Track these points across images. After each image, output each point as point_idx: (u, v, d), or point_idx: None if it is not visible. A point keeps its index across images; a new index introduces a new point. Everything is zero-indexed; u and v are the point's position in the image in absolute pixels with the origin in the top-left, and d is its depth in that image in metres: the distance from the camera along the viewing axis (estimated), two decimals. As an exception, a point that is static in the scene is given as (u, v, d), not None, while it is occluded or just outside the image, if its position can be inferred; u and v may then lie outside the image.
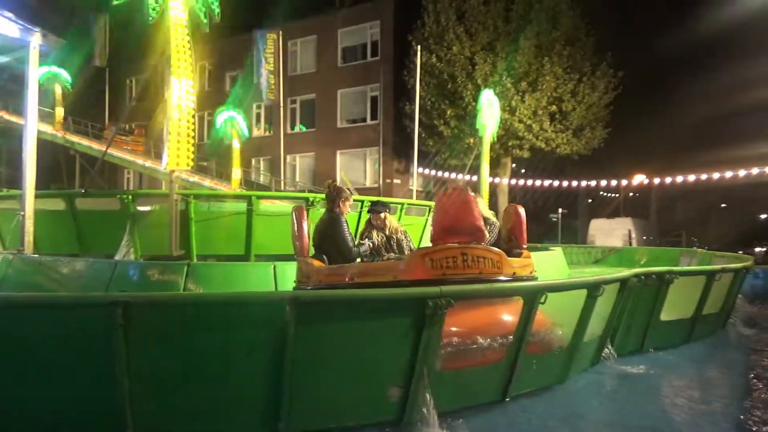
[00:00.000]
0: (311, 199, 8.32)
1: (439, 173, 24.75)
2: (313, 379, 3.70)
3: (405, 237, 5.60)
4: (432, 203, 10.65)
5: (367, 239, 5.42)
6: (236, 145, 18.42)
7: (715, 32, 23.96)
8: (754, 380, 5.69)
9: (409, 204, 9.85)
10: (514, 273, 4.63)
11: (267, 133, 29.57)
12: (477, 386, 4.42)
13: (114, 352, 3.33)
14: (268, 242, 8.04)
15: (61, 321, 3.47)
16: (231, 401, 3.61)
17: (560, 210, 29.38)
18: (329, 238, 5.14)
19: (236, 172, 18.33)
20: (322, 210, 8.29)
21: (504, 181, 24.56)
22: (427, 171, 24.57)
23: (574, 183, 26.12)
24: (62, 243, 7.81)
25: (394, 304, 3.89)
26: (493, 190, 22.19)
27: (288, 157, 27.20)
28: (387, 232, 5.53)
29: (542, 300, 4.39)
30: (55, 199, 7.92)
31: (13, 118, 27.39)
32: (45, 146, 7.62)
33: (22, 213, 7.28)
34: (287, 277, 7.32)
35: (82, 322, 3.43)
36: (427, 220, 10.19)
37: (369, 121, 27.16)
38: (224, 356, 3.57)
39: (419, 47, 20.77)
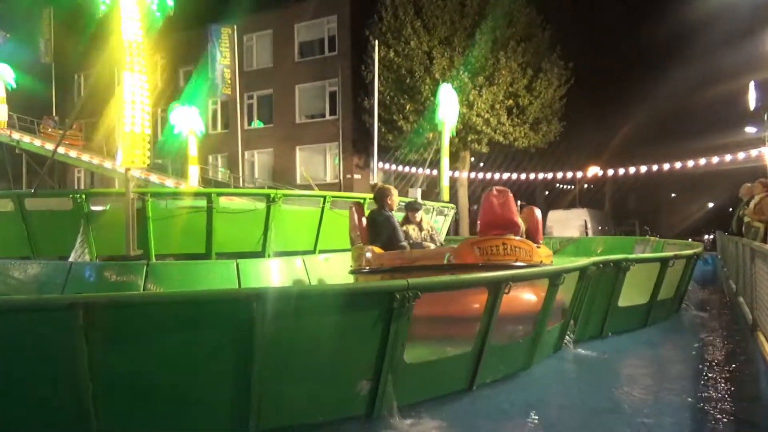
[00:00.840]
0: (272, 195, 8.22)
1: (400, 168, 24.84)
2: (282, 376, 3.66)
3: (434, 231, 6.80)
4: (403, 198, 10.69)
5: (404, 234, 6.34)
6: (192, 142, 18.02)
7: (668, 28, 24.87)
8: (707, 361, 5.95)
9: (370, 199, 9.82)
10: (541, 261, 5.64)
11: (224, 130, 29.07)
12: (445, 376, 4.47)
13: (75, 355, 3.22)
14: (230, 240, 7.91)
15: (19, 325, 3.34)
16: (199, 402, 3.54)
17: (519, 202, 29.89)
18: (384, 231, 6.17)
19: (193, 170, 17.94)
20: (285, 206, 8.26)
21: (464, 175, 24.85)
22: (387, 166, 24.62)
23: (532, 176, 26.65)
24: (12, 246, 7.48)
25: (363, 297, 3.89)
26: (453, 183, 22.40)
27: (246, 154, 26.80)
28: (423, 227, 6.60)
29: (506, 290, 4.47)
30: (3, 200, 7.59)
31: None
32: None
33: (-32, 215, 6.97)
34: (250, 274, 7.26)
35: (42, 325, 3.31)
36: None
37: (328, 117, 27.03)
38: (190, 356, 3.49)
39: (377, 42, 20.75)
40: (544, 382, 5.20)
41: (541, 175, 26.84)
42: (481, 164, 27.64)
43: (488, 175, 26.32)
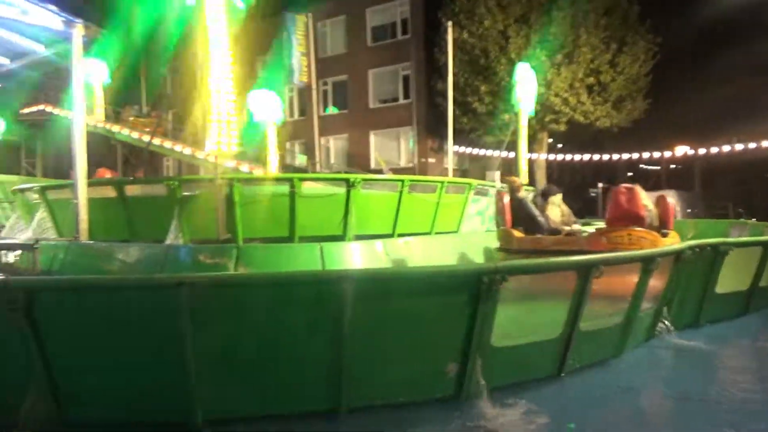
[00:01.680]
0: (352, 180, 8.33)
1: (474, 151, 24.48)
2: (373, 355, 3.74)
3: (571, 215, 7.74)
4: (471, 181, 10.58)
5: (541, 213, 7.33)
6: (272, 129, 18.52)
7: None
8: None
9: (448, 182, 9.77)
10: None
11: (301, 117, 29.69)
12: (533, 361, 4.41)
13: (181, 333, 3.43)
14: (312, 224, 8.11)
15: (128, 303, 3.58)
16: (295, 379, 3.68)
17: (600, 185, 28.76)
18: (523, 215, 7.24)
19: (273, 156, 18.46)
20: (363, 191, 8.36)
21: (541, 157, 24.17)
22: (462, 149, 24.33)
23: (615, 156, 25.50)
24: (114, 229, 8.02)
25: (450, 280, 3.89)
26: (530, 165, 21.84)
27: (322, 140, 27.27)
28: (563, 211, 7.50)
29: (597, 274, 4.33)
30: (106, 187, 8.14)
31: (55, 110, 28.18)
32: (87, 137, 7.83)
33: (76, 201, 7.52)
34: (333, 257, 7.43)
35: (149, 303, 3.54)
36: (466, 198, 10.10)
37: (401, 101, 26.98)
38: (285, 335, 3.64)
39: (450, 23, 20.43)
40: (636, 370, 5.02)
41: (624, 155, 25.62)
42: (560, 145, 26.77)
43: (567, 157, 25.46)
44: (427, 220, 9.04)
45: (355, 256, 7.57)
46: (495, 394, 4.02)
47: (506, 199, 7.57)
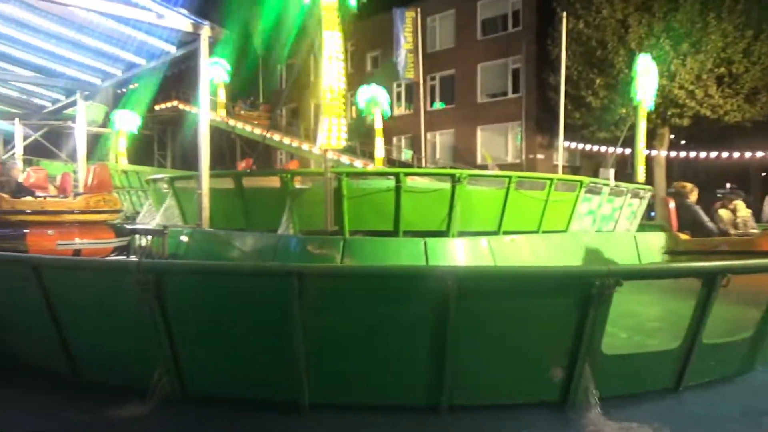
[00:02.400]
0: (458, 175, 8.27)
1: (587, 147, 23.38)
2: (475, 354, 3.70)
3: (748, 218, 7.84)
4: (583, 178, 10.11)
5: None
6: (379, 124, 18.85)
7: None
8: None
9: (558, 179, 9.40)
10: None
11: (407, 112, 29.93)
12: (647, 372, 4.15)
13: (290, 319, 3.59)
14: (416, 219, 8.14)
15: (243, 288, 3.82)
16: (396, 371, 3.74)
17: (728, 185, 26.40)
18: (688, 220, 7.73)
19: (380, 151, 18.78)
20: (468, 186, 8.26)
21: (661, 154, 22.59)
22: (573, 145, 23.34)
23: (747, 154, 23.27)
24: (232, 218, 8.56)
25: (558, 282, 3.75)
26: (649, 163, 20.50)
27: (428, 135, 27.32)
28: (737, 214, 7.70)
29: (724, 283, 3.99)
30: (225, 179, 8.69)
31: (183, 106, 30.52)
32: (210, 131, 8.44)
33: (200, 191, 8.11)
34: (437, 252, 7.42)
35: (262, 289, 3.74)
36: (577, 196, 9.67)
37: (510, 95, 26.36)
38: (388, 327, 3.69)
39: (565, 13, 19.60)
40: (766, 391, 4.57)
41: (758, 153, 23.30)
42: (683, 141, 24.88)
43: (691, 154, 23.59)
44: (535, 218, 8.77)
45: (459, 253, 7.51)
46: (604, 404, 3.83)
47: (672, 204, 8.00)
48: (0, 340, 5.02)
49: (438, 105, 29.26)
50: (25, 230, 6.20)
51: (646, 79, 13.32)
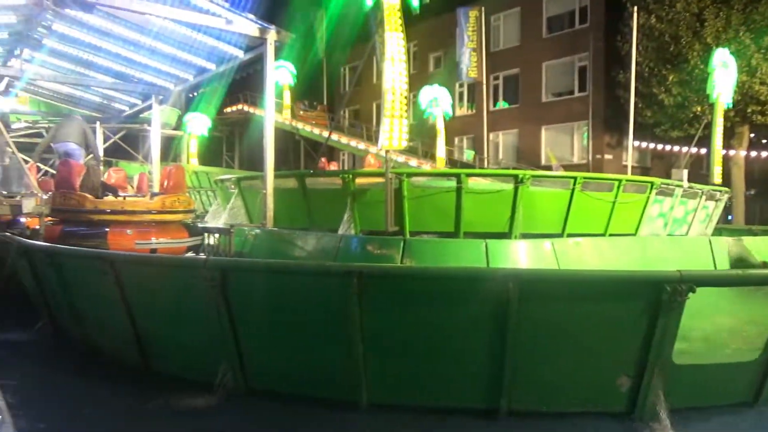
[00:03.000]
0: (521, 176, 8.11)
1: (659, 146, 22.38)
2: (536, 358, 3.62)
3: None
4: (654, 179, 9.68)
5: None
6: (440, 125, 18.76)
7: None
8: None
9: (627, 180, 9.04)
10: None
11: (470, 112, 29.64)
12: (722, 385, 3.92)
13: (349, 318, 3.63)
14: (477, 220, 8.05)
15: (304, 287, 3.89)
16: (454, 374, 3.71)
17: (814, 187, 24.65)
18: None
19: (441, 151, 18.69)
20: (532, 187, 8.09)
21: (740, 154, 21.33)
22: (643, 144, 22.40)
23: (838, 154, 21.62)
24: (296, 218, 8.75)
25: (626, 286, 3.61)
26: (726, 163, 19.41)
27: (491, 135, 26.94)
28: None
29: (810, 291, 3.73)
30: (289, 179, 8.89)
31: (249, 109, 31.47)
32: (275, 133, 8.63)
33: (264, 191, 8.33)
34: (498, 255, 7.30)
35: (322, 288, 3.80)
36: (647, 198, 9.27)
37: (577, 94, 25.60)
38: (447, 329, 3.67)
39: (635, 8, 18.86)
40: None
41: None
42: (764, 141, 23.41)
43: (773, 154, 22.13)
44: (601, 220, 8.48)
45: (521, 255, 7.36)
46: (674, 415, 3.65)
47: None
48: (81, 332, 5.35)
49: (501, 104, 28.79)
50: (106, 229, 6.49)
51: (723, 74, 12.64)
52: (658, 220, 9.38)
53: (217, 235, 8.22)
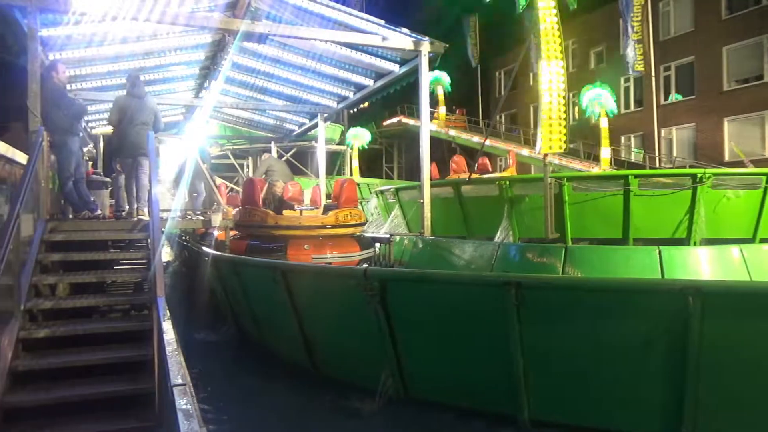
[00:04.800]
0: (700, 175, 7.30)
1: None
2: (724, 382, 3.21)
3: None
4: None
5: None
6: (604, 124, 17.64)
7: None
8: None
9: None
10: None
11: (637, 108, 27.46)
12: None
13: (508, 329, 3.53)
14: (649, 225, 7.40)
15: (460, 297, 3.86)
16: (624, 395, 3.43)
17: None
18: None
19: (605, 152, 17.58)
20: (713, 187, 7.24)
21: None
22: None
23: None
24: (452, 226, 8.76)
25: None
26: None
27: (663, 131, 24.68)
28: None
29: None
30: (446, 188, 8.94)
31: (407, 120, 32.32)
32: (431, 142, 8.72)
33: (421, 200, 8.47)
34: (674, 263, 6.64)
35: (479, 298, 3.74)
36: None
37: (766, 79, 22.47)
38: (616, 346, 3.40)
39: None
40: None
41: None
42: None
43: None
44: (804, 223, 7.33)
45: (703, 264, 6.60)
46: None
47: None
48: (259, 334, 5.87)
49: (674, 97, 26.21)
50: (286, 244, 7.00)
51: None
52: None
53: (378, 245, 8.53)
